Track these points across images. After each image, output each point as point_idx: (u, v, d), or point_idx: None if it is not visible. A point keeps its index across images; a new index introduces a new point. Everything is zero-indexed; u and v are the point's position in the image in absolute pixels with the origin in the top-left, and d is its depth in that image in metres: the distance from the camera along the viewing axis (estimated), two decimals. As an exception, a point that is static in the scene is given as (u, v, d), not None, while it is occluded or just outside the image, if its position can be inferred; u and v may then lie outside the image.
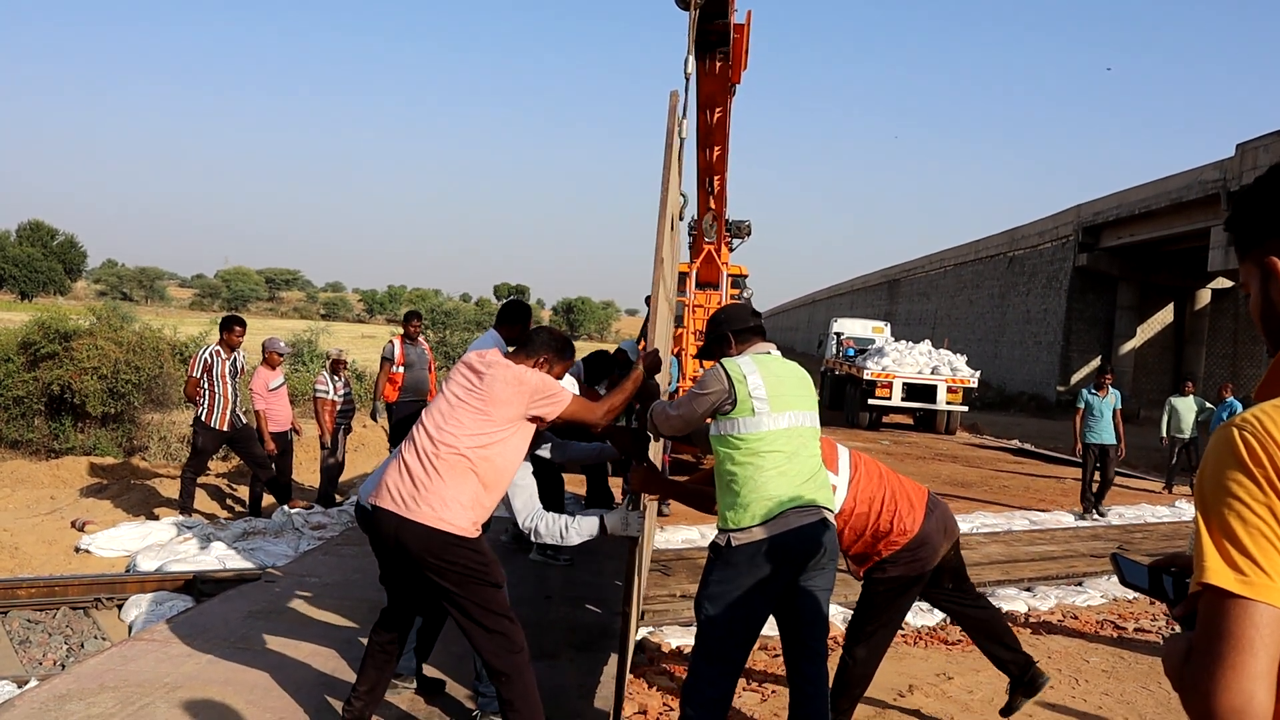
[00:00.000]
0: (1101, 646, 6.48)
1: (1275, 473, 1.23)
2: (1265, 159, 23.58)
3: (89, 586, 6.71)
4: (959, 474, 16.03)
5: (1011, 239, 43.63)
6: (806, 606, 3.64)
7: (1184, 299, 37.26)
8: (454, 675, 4.80)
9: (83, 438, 13.52)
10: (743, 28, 8.02)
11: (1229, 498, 1.26)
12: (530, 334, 4.11)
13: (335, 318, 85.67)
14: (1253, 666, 1.20)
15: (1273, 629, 1.21)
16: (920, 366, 22.90)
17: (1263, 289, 1.46)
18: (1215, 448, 1.31)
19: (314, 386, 10.69)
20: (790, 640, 3.72)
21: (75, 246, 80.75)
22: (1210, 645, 1.23)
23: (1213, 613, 1.24)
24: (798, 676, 3.69)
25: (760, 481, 3.56)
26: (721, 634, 3.58)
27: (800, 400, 3.74)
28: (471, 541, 3.62)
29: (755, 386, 3.64)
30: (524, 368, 3.84)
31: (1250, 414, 1.29)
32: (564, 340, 4.12)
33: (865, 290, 69.49)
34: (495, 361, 3.82)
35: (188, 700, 4.32)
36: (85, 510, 9.36)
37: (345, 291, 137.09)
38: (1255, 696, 1.19)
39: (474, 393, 3.72)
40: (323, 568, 6.88)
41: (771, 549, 3.50)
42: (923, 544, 4.38)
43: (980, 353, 41.22)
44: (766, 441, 3.60)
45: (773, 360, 3.84)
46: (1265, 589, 1.21)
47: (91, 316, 15.01)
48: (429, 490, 3.58)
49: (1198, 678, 1.23)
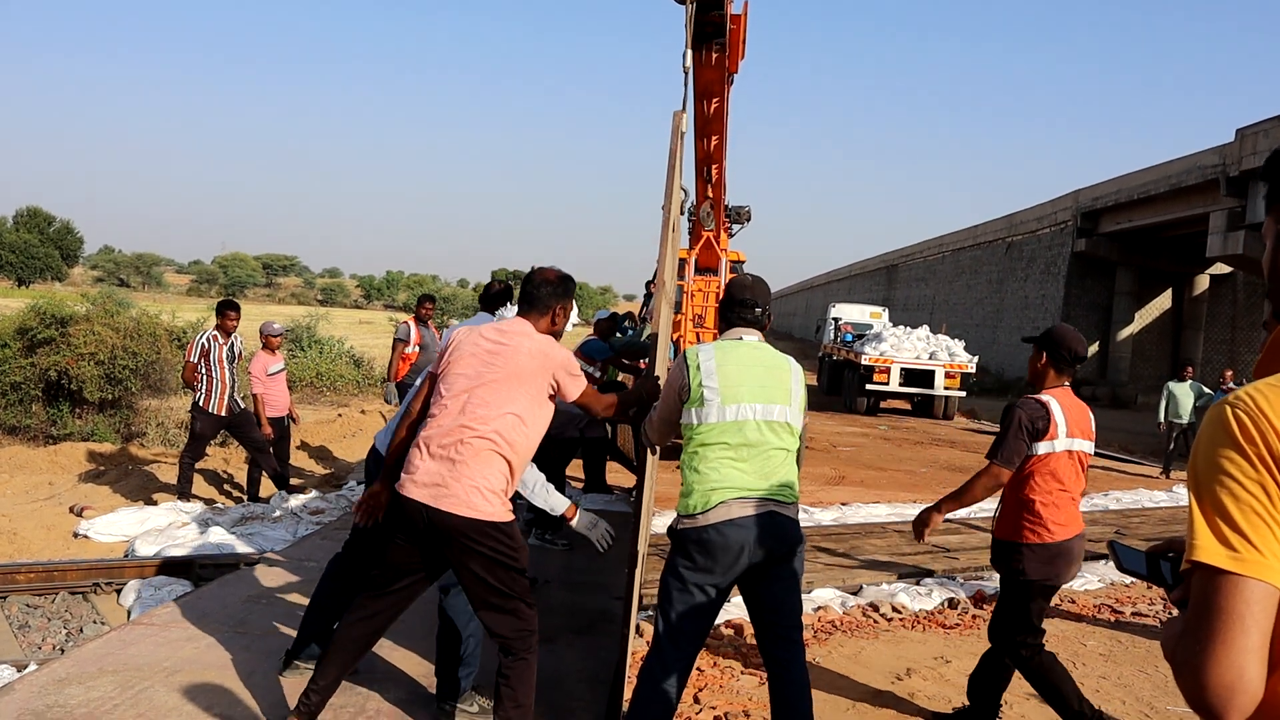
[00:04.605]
0: (1099, 630, 6.49)
1: (1268, 450, 1.24)
2: (1265, 144, 23.54)
3: (88, 571, 6.71)
4: (957, 459, 16.05)
5: (1010, 224, 43.61)
6: (770, 594, 3.64)
7: (1182, 284, 37.26)
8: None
9: (80, 423, 13.51)
10: (739, 18, 8.00)
11: (1222, 475, 1.27)
12: (530, 289, 3.90)
13: (333, 303, 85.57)
14: (1243, 642, 1.20)
15: (1264, 605, 1.21)
16: (918, 352, 22.92)
17: (1275, 248, 1.46)
18: (1209, 425, 1.32)
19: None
20: (759, 627, 3.74)
21: (72, 232, 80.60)
22: (1202, 622, 1.24)
23: (1204, 589, 1.25)
24: (772, 663, 3.70)
25: (704, 471, 3.58)
26: (670, 618, 3.62)
27: (760, 393, 3.63)
28: (506, 526, 3.56)
29: (707, 375, 3.61)
30: (547, 340, 3.77)
31: (1244, 392, 1.30)
32: (561, 278, 3.94)
33: (864, 275, 69.49)
34: (517, 332, 3.75)
35: (186, 684, 4.33)
36: (83, 496, 9.36)
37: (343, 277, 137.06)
38: (1246, 672, 1.20)
39: (494, 368, 3.64)
40: (320, 552, 6.88)
41: (711, 538, 3.51)
42: (1059, 555, 4.29)
43: (978, 338, 41.26)
44: (714, 433, 3.59)
45: (742, 347, 3.74)
46: (1257, 565, 1.22)
47: (88, 303, 14.99)
48: (459, 479, 3.51)
49: (1189, 654, 1.24)
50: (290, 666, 4.53)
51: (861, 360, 22.71)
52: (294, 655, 4.56)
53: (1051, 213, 39.20)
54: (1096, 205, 35.28)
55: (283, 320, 13.50)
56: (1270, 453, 1.24)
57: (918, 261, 57.06)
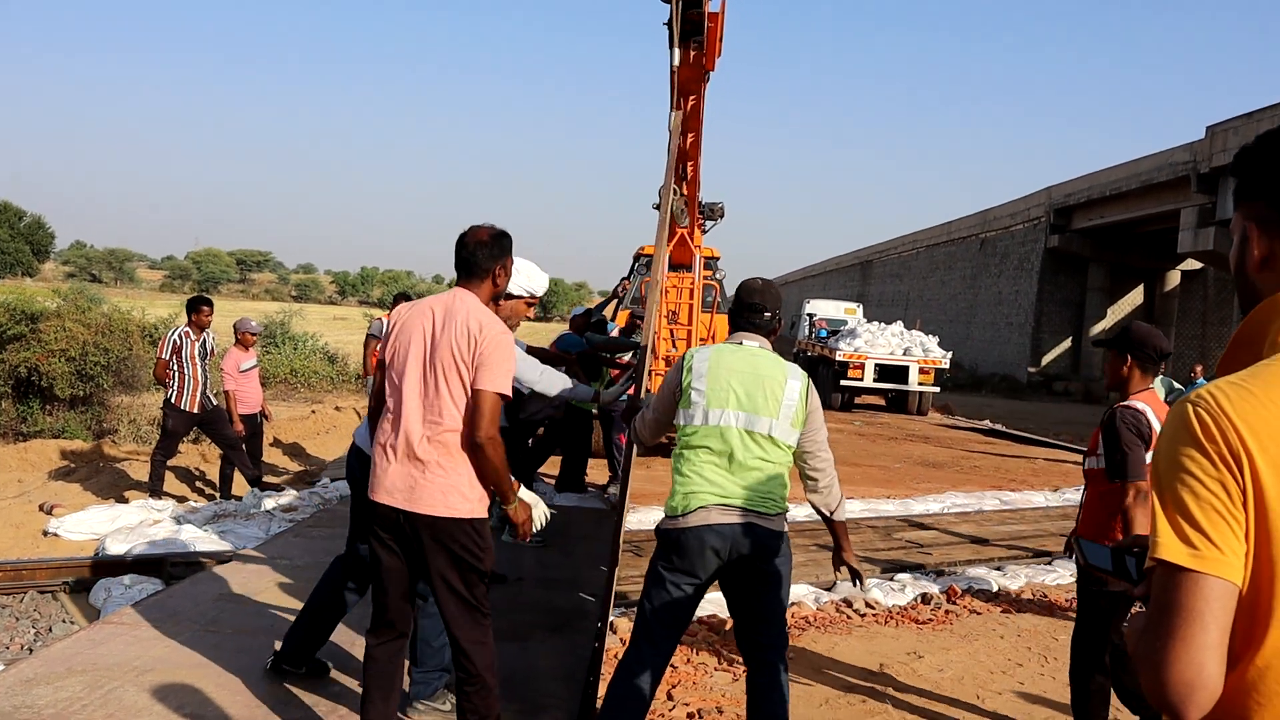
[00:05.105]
0: (1071, 624, 6.53)
1: (1228, 449, 1.25)
2: (1235, 141, 23.77)
3: (57, 570, 6.64)
4: (930, 454, 16.13)
5: (984, 220, 43.87)
6: (750, 602, 3.64)
7: (1154, 280, 37.64)
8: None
9: (51, 420, 13.40)
10: (717, 16, 8.05)
11: (1182, 473, 1.28)
12: (465, 254, 3.60)
13: (307, 299, 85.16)
14: (1203, 639, 1.22)
15: (1223, 602, 1.23)
16: (892, 348, 23.03)
17: (1241, 243, 1.48)
18: (1171, 423, 1.33)
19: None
20: (740, 631, 3.74)
21: (43, 228, 79.84)
22: (1162, 619, 1.25)
23: (1165, 587, 1.26)
24: (752, 665, 3.69)
25: (687, 474, 3.57)
26: (647, 615, 3.63)
27: (746, 402, 3.55)
28: (477, 523, 3.43)
29: (697, 377, 3.60)
30: (489, 318, 3.48)
31: (1206, 390, 1.31)
32: (495, 236, 3.64)
33: (838, 271, 69.74)
34: (459, 306, 3.48)
35: (157, 684, 4.29)
36: (53, 494, 9.27)
37: (317, 273, 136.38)
38: (1205, 668, 1.22)
39: (464, 362, 3.38)
40: (293, 550, 6.86)
41: (689, 541, 3.50)
42: None
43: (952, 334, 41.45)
44: (699, 436, 3.57)
45: (739, 353, 3.67)
46: (1216, 563, 1.23)
47: (59, 299, 14.87)
48: (431, 479, 3.37)
49: (1150, 650, 1.25)
50: (276, 670, 4.43)
51: (836, 356, 22.79)
52: (284, 659, 4.45)
53: (1025, 209, 39.48)
54: (1069, 202, 35.57)
55: (257, 316, 13.41)
56: (1231, 451, 1.25)
57: (892, 257, 57.31)
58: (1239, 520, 1.24)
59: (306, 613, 4.49)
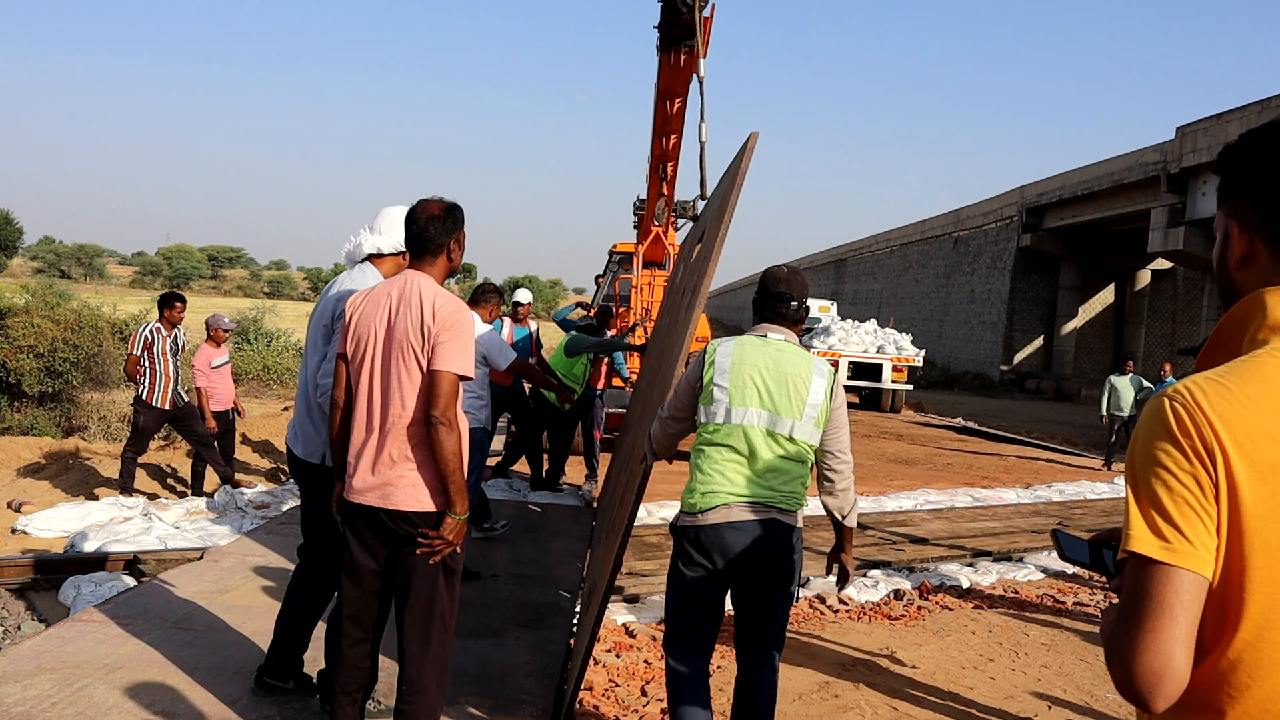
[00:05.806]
0: (1041, 620, 6.59)
1: (1203, 444, 1.26)
2: (1205, 142, 24.00)
3: (26, 567, 6.58)
4: (904, 452, 16.21)
5: (957, 219, 44.10)
6: (758, 599, 3.56)
7: (1124, 279, 37.98)
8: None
9: (19, 417, 13.27)
10: (708, 20, 8.13)
11: (1157, 467, 1.29)
12: (416, 230, 3.45)
13: (280, 296, 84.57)
14: (1172, 630, 1.24)
15: (1193, 594, 1.25)
16: (866, 345, 23.14)
17: (1223, 241, 1.49)
18: (1147, 418, 1.34)
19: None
20: (740, 627, 3.67)
21: (10, 223, 78.74)
22: (1133, 611, 1.27)
23: (1136, 579, 1.28)
24: (745, 660, 3.64)
25: (708, 471, 3.49)
26: (674, 614, 3.59)
27: (769, 402, 3.46)
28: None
29: (720, 373, 3.49)
30: (460, 304, 3.40)
31: (1182, 385, 1.32)
32: (448, 209, 3.51)
33: (812, 269, 69.93)
34: (441, 303, 3.33)
35: (127, 682, 4.26)
36: (22, 491, 9.18)
37: (290, 270, 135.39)
38: (1174, 659, 1.24)
39: (424, 350, 3.27)
40: (265, 547, 6.82)
41: (708, 538, 3.44)
42: None
43: (925, 332, 41.70)
44: (721, 434, 3.49)
45: (762, 346, 3.55)
46: (1187, 556, 1.25)
47: (27, 294, 14.72)
48: (401, 475, 3.30)
49: (1120, 642, 1.27)
50: (260, 684, 4.25)
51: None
52: (268, 672, 4.27)
53: (998, 208, 39.72)
54: (1041, 201, 35.81)
55: (229, 313, 13.33)
56: (1205, 446, 1.26)
57: (866, 256, 57.53)
58: (1211, 514, 1.26)
59: (281, 621, 4.33)
